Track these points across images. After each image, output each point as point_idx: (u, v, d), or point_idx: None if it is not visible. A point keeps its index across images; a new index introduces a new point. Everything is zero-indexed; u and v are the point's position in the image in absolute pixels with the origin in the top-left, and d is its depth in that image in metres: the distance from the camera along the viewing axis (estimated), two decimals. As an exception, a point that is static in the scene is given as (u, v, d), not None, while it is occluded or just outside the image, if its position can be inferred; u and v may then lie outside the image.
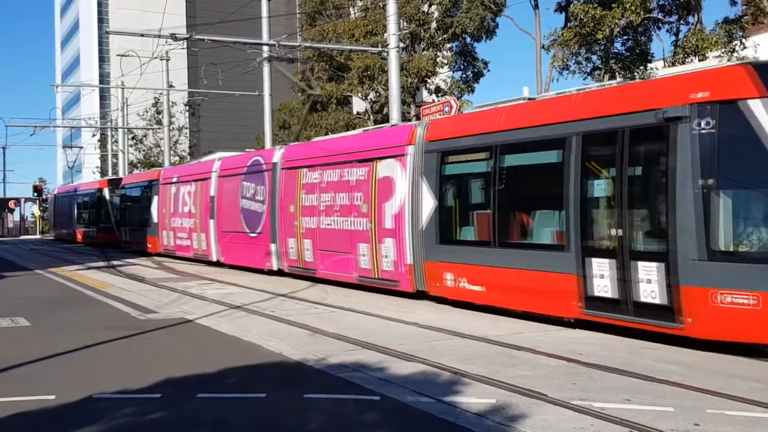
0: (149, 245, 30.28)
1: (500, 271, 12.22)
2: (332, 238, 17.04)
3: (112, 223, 37.86)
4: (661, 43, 37.84)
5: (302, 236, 18.30)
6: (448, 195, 13.94)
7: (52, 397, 7.48)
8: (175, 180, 27.79)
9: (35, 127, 49.38)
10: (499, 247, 12.32)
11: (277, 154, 20.09)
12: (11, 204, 72.35)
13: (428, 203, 14.00)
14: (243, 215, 21.68)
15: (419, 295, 14.60)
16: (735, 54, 25.07)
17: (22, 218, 74.95)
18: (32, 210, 71.73)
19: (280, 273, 19.91)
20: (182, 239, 26.67)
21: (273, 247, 19.93)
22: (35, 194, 65.63)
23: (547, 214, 11.80)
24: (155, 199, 29.48)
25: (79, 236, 44.71)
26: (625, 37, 30.01)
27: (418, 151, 14.42)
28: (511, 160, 12.43)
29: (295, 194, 18.66)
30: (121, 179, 39.18)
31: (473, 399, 7.17)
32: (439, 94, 36.39)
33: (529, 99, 13.15)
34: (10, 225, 72.24)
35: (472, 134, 13.21)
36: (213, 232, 23.93)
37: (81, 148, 63.08)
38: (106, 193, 39.81)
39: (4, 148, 74.57)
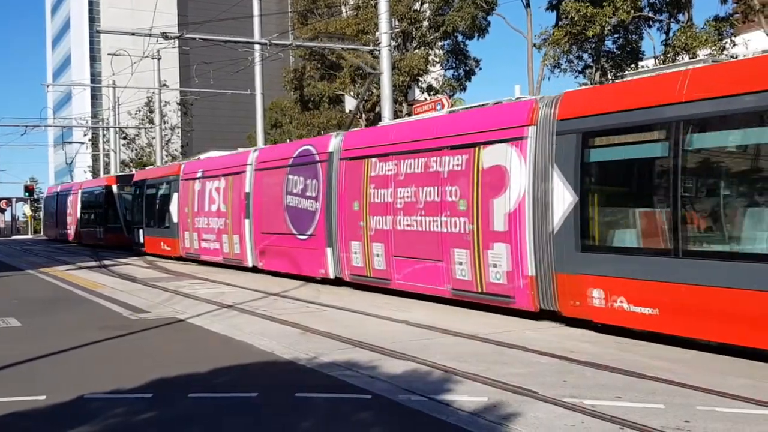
0: (167, 248, 27.30)
1: (686, 289, 9.27)
2: (413, 241, 14.10)
3: (121, 224, 35.30)
4: (651, 41, 37.77)
5: (370, 239, 15.38)
6: (594, 188, 11.06)
7: (43, 397, 7.45)
8: (199, 175, 24.67)
9: (26, 126, 49.10)
10: (684, 257, 9.37)
11: (334, 143, 17.16)
12: (2, 204, 72.19)
13: (563, 199, 11.03)
14: (288, 214, 18.69)
15: (542, 314, 11.71)
16: (725, 51, 25.14)
17: (14, 218, 74.73)
18: (24, 210, 71.47)
19: (336, 282, 17.10)
20: (209, 242, 23.62)
21: (329, 251, 16.96)
22: (27, 194, 65.36)
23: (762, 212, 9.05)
24: (175, 196, 26.41)
25: (82, 237, 41.57)
26: (615, 36, 30.08)
27: (544, 133, 11.48)
28: (704, 140, 9.68)
29: (359, 189, 15.71)
30: (131, 176, 36.42)
31: (465, 397, 7.18)
32: (431, 93, 36.44)
33: (717, 61, 10.38)
34: (2, 225, 72.11)
35: (634, 108, 10.16)
36: (248, 234, 20.88)
37: (82, 143, 61.63)
38: (115, 190, 36.76)
39: (-6, 148, 74.29)
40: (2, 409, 7.07)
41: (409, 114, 29.81)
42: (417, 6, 35.68)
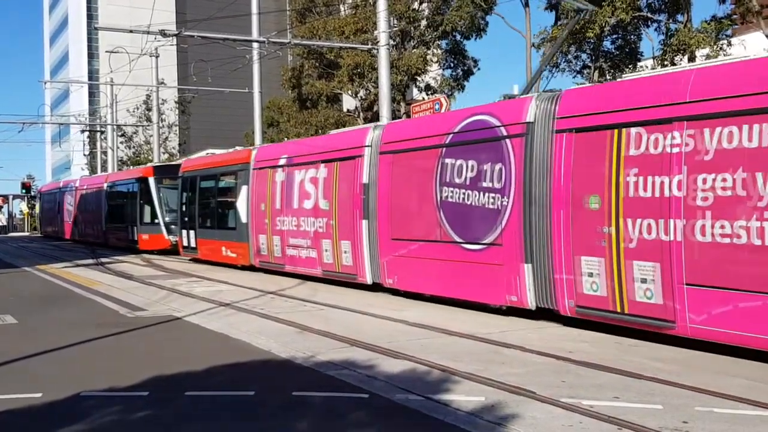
0: (231, 254, 22.04)
1: None
2: (744, 261, 8.68)
3: (160, 223, 29.99)
4: (650, 41, 37.84)
5: (625, 255, 9.95)
6: None
7: (39, 395, 7.42)
8: (283, 162, 19.14)
9: (23, 123, 49.01)
10: None
11: (535, 107, 11.78)
12: (-1, 201, 72.12)
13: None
14: (444, 214, 13.42)
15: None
16: (723, 51, 25.17)
17: (11, 215, 74.65)
18: (20, 207, 71.38)
19: (539, 314, 11.76)
20: (299, 248, 18.16)
21: (526, 269, 11.66)
22: (24, 191, 65.27)
23: None
24: (243, 190, 21.06)
25: (107, 239, 35.91)
26: (614, 36, 30.13)
27: None
28: None
29: (599, 174, 10.33)
30: (173, 166, 31.88)
31: (462, 397, 7.16)
32: (429, 92, 36.42)
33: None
34: (3, 222, 71.94)
35: None
36: (367, 240, 15.62)
37: (101, 132, 58.00)
38: (152, 183, 30.65)
39: (-8, 145, 74.32)
40: (-2, 406, 7.05)
41: (408, 114, 29.77)
42: (416, 5, 35.67)
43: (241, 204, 21.07)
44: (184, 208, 25.90)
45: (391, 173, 14.99)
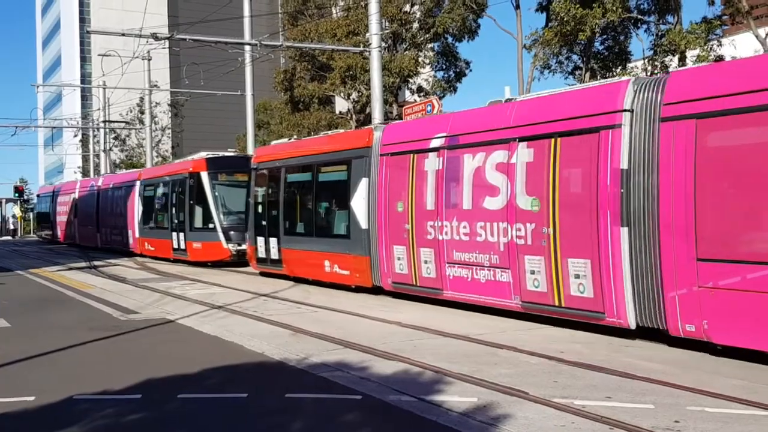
0: (342, 271, 16.22)
1: None
2: None
3: (217, 228, 23.69)
4: (640, 42, 37.98)
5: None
6: None
7: (32, 398, 7.38)
8: (438, 143, 13.26)
9: (16, 127, 48.86)
10: None
11: None
12: (-8, 205, 71.83)
13: None
14: None
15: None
16: (713, 53, 25.26)
17: (4, 219, 74.35)
18: (14, 211, 71.05)
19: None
20: (474, 267, 12.33)
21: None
22: (16, 195, 65.03)
23: None
24: (361, 185, 15.40)
25: (142, 246, 29.43)
26: (604, 37, 30.20)
27: None
28: None
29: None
30: (235, 157, 27.11)
31: (455, 398, 7.15)
32: (421, 94, 36.44)
33: None
34: (13, 227, 71.57)
35: None
36: (629, 259, 9.82)
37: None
38: (205, 179, 24.24)
39: (-16, 149, 74.05)
40: (-10, 410, 7.01)
41: (400, 116, 29.78)
42: (407, 7, 35.67)
43: (358, 203, 15.38)
44: (259, 209, 19.71)
45: (699, 153, 9.06)
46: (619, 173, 9.80)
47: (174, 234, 25.55)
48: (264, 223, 19.24)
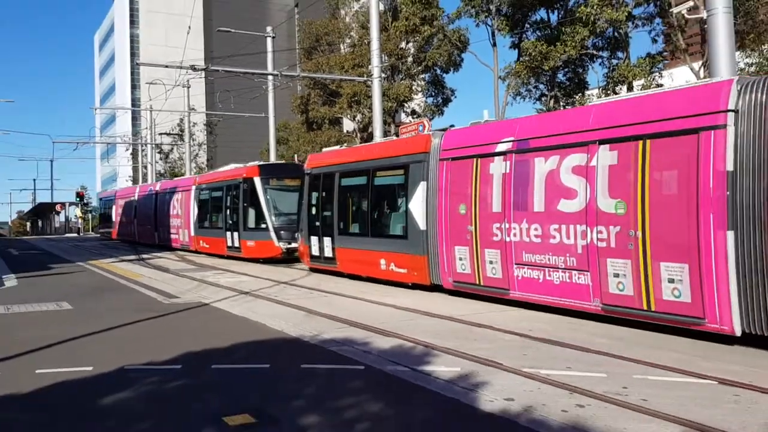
0: (400, 269, 14.30)
1: None
2: None
3: (269, 228, 22.05)
4: (595, 74, 37.94)
5: None
6: None
7: (90, 368, 7.38)
8: (504, 148, 11.39)
9: (77, 143, 48.87)
10: None
11: None
12: (57, 207, 71.91)
13: None
14: None
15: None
16: (655, 83, 25.28)
17: (67, 219, 74.41)
18: (75, 212, 71.02)
19: None
20: (547, 269, 10.55)
21: None
22: (78, 199, 65.13)
23: None
24: (419, 188, 13.60)
25: (198, 244, 27.34)
26: (566, 69, 30.23)
27: None
28: None
29: None
30: (283, 165, 25.36)
31: (442, 368, 7.15)
32: (414, 116, 36.47)
33: None
34: (57, 225, 71.81)
35: None
36: (735, 263, 8.09)
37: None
38: (258, 184, 22.67)
39: (51, 161, 74.21)
40: (57, 377, 7.01)
41: (397, 134, 29.79)
42: (403, 44, 35.70)
43: (416, 206, 13.63)
44: (312, 211, 18.08)
45: None
46: (723, 175, 8.09)
47: (228, 233, 24.27)
48: (317, 223, 17.65)
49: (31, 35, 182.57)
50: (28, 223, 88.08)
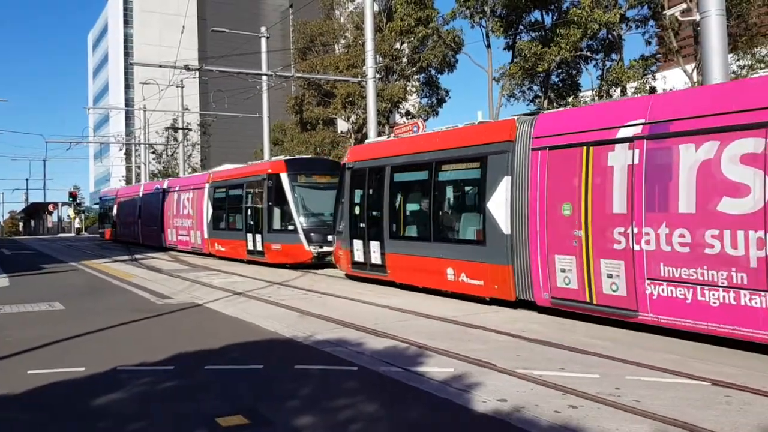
0: (474, 281, 11.97)
1: None
2: None
3: (297, 230, 19.30)
4: (589, 76, 38.09)
5: None
6: None
7: (83, 369, 7.35)
8: (631, 132, 8.99)
9: (70, 143, 48.67)
10: None
11: None
12: (50, 207, 71.64)
13: None
14: None
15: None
16: (648, 85, 25.36)
17: (60, 219, 74.11)
18: (68, 212, 70.78)
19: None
20: (698, 286, 8.09)
21: None
22: (70, 199, 64.90)
23: None
24: (501, 185, 11.31)
25: (212, 247, 24.69)
26: (559, 71, 30.30)
27: None
28: None
29: None
30: (313, 159, 23.13)
31: (435, 369, 7.15)
32: (409, 117, 36.46)
33: None
34: (49, 225, 71.52)
35: None
36: None
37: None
38: (285, 181, 19.88)
39: (44, 161, 73.91)
40: (50, 378, 6.98)
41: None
42: (398, 45, 35.71)
43: (497, 205, 11.27)
44: (356, 210, 15.51)
45: None
46: None
47: (249, 235, 21.34)
48: (362, 225, 15.09)
49: (25, 35, 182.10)
50: (21, 223, 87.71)
